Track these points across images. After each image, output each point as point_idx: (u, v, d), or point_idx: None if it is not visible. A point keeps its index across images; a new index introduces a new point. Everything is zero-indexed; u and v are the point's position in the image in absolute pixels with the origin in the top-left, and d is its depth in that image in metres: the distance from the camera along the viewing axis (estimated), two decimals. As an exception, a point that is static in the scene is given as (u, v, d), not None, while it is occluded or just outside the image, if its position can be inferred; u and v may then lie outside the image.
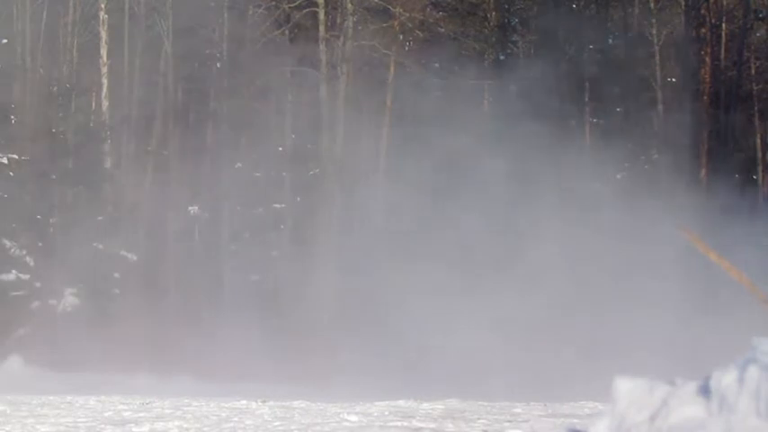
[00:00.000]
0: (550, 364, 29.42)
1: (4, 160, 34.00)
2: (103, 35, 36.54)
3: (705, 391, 5.03)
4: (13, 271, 33.24)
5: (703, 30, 37.56)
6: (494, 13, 39.09)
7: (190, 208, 36.38)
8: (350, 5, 36.92)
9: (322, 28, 36.60)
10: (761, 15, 39.19)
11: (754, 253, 24.89)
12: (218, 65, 37.95)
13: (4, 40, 36.04)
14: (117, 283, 34.15)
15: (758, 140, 37.91)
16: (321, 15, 36.64)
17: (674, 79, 38.16)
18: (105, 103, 36.45)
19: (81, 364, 29.94)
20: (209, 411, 16.50)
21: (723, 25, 37.80)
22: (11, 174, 34.11)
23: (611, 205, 32.96)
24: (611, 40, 40.02)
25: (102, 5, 36.68)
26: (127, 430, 13.35)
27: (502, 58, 38.84)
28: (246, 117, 36.38)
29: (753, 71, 38.83)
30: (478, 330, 30.64)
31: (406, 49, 38.76)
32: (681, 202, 31.32)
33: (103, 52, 36.47)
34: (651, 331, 29.33)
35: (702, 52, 37.37)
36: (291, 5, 36.93)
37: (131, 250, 34.85)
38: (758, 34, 39.30)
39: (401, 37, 38.59)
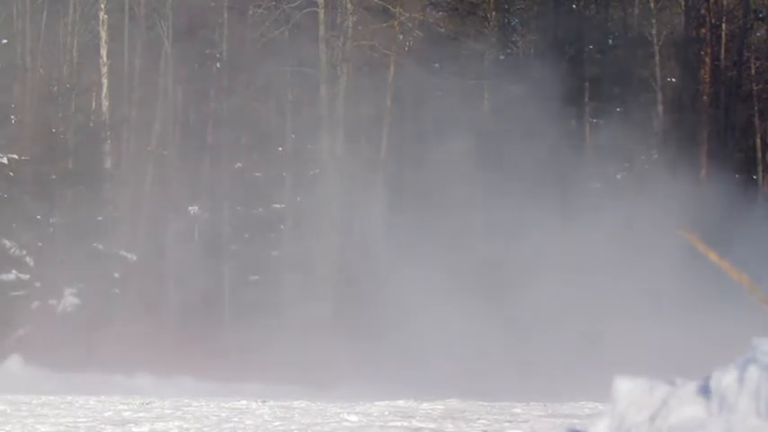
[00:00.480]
0: (550, 364, 29.42)
1: (4, 160, 34.00)
2: (103, 35, 36.54)
3: (705, 391, 5.03)
4: (13, 271, 33.24)
5: (703, 30, 37.56)
6: (494, 13, 39.08)
7: (190, 208, 36.38)
8: (350, 5, 36.92)
9: (322, 28, 36.59)
10: (761, 15, 39.20)
11: (754, 253, 24.86)
12: (218, 65, 37.94)
13: (4, 40, 36.05)
14: (117, 283, 34.15)
15: (758, 140, 37.91)
16: (321, 15, 36.63)
17: (674, 79, 38.15)
18: (105, 103, 36.44)
19: (81, 364, 29.94)
20: (209, 411, 16.51)
21: (723, 25, 37.80)
22: (11, 174, 34.11)
23: (611, 205, 32.96)
24: (611, 41, 40.03)
25: (102, 5, 36.67)
26: (127, 430, 13.34)
27: (502, 58, 38.83)
28: (246, 117, 36.38)
29: (753, 71, 38.82)
30: (478, 330, 30.64)
31: (406, 49, 38.77)
32: (681, 202, 31.31)
33: (103, 52, 36.47)
34: (651, 331, 29.31)
35: (702, 52, 37.36)
36: (291, 5, 36.92)
37: (131, 250, 34.85)
38: (758, 34, 39.30)
39: (401, 37, 38.60)
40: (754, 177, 37.66)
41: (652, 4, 37.91)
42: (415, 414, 16.26)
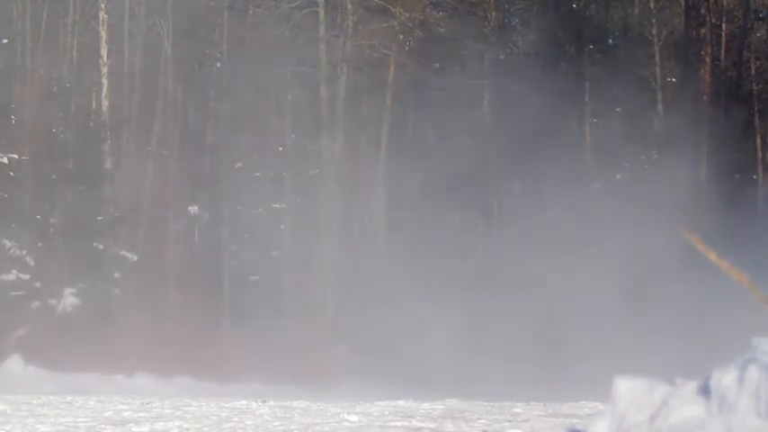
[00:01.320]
0: (550, 364, 29.42)
1: (5, 160, 34.00)
2: (103, 35, 36.53)
3: (705, 391, 5.03)
4: (13, 271, 33.24)
5: (703, 30, 37.56)
6: (494, 13, 39.06)
7: (190, 208, 36.38)
8: (350, 5, 36.92)
9: (322, 28, 36.59)
10: (761, 15, 39.20)
11: (753, 253, 24.87)
12: (218, 65, 37.94)
13: (4, 40, 36.03)
14: (117, 283, 34.15)
15: (758, 140, 37.90)
16: (321, 15, 36.63)
17: (674, 79, 38.15)
18: (105, 103, 36.43)
19: (81, 365, 29.95)
20: (209, 411, 16.51)
21: (723, 25, 37.80)
22: (11, 174, 34.10)
23: (611, 205, 32.96)
24: (611, 40, 40.02)
25: (102, 5, 36.66)
26: (127, 430, 13.34)
27: (502, 58, 38.82)
28: (246, 117, 36.37)
29: (753, 71, 38.82)
30: (479, 329, 30.65)
31: (406, 49, 38.77)
32: (681, 203, 31.32)
33: (103, 52, 36.46)
34: (651, 331, 29.32)
35: (702, 52, 37.36)
36: (291, 5, 36.92)
37: (131, 250, 34.85)
38: (758, 34, 39.30)
39: (401, 37, 38.61)
40: (754, 177, 37.66)
41: (652, 4, 37.91)
42: (415, 414, 16.26)
